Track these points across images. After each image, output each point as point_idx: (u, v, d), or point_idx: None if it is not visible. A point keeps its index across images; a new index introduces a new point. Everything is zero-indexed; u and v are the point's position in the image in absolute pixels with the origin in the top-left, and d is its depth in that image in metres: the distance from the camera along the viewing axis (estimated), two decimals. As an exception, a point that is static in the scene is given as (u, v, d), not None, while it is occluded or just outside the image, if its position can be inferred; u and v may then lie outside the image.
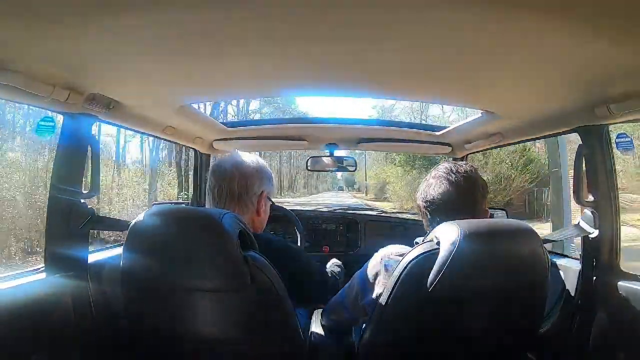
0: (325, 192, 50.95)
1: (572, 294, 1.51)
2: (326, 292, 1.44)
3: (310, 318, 1.73)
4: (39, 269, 1.29)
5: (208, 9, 0.80)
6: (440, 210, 1.19)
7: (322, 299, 1.46)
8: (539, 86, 1.23)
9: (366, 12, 0.81)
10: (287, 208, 2.60)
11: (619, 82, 1.11)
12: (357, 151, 2.88)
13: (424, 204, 1.23)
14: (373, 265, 1.24)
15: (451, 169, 1.22)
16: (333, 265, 1.74)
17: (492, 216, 1.45)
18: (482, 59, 1.04)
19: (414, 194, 1.34)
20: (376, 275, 1.21)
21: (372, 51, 1.03)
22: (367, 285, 1.23)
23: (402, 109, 25.92)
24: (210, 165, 1.31)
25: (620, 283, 1.33)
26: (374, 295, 1.17)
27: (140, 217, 1.03)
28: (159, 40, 0.95)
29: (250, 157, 1.30)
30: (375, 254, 1.27)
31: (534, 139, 1.94)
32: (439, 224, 1.10)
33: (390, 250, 1.23)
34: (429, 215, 1.23)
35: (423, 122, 21.31)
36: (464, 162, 1.65)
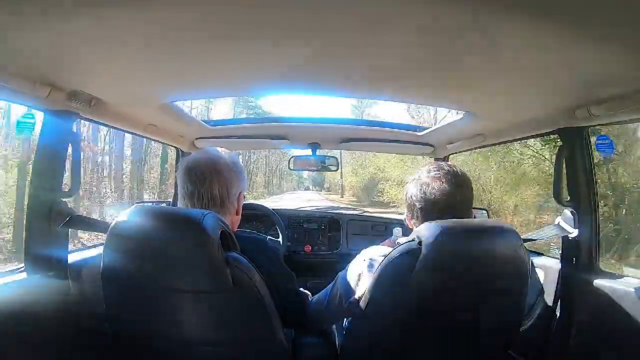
0: (290, 192, 44.94)
1: (553, 292, 1.54)
2: (301, 301, 1.41)
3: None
4: (19, 268, 1.27)
5: (190, 6, 0.80)
6: (439, 210, 1.18)
7: (300, 314, 1.40)
8: (521, 88, 1.25)
9: (349, 13, 0.81)
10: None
11: (600, 85, 1.13)
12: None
13: (422, 204, 1.20)
14: (356, 265, 1.25)
15: (448, 170, 1.21)
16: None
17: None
18: (464, 60, 1.05)
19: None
20: (359, 275, 1.21)
21: (355, 52, 1.03)
22: (351, 286, 1.23)
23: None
24: (181, 162, 1.24)
25: (599, 281, 1.36)
26: (356, 296, 1.17)
27: (121, 217, 1.01)
28: (141, 37, 0.94)
29: (225, 156, 1.24)
30: (358, 255, 1.27)
31: (516, 140, 1.96)
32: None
33: (374, 251, 1.23)
34: (423, 216, 1.20)
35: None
36: (450, 163, 1.66)
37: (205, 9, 0.81)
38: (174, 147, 2.42)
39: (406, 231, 1.27)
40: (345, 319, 1.41)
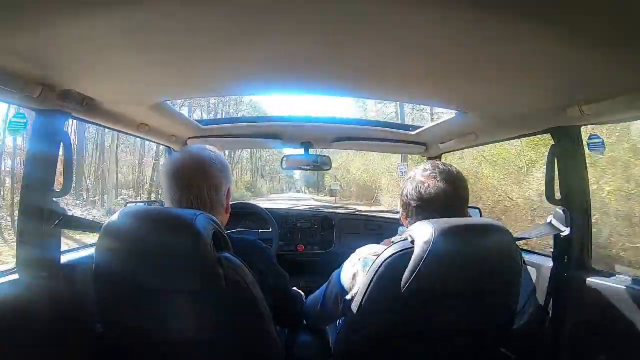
0: (269, 196, 33.25)
1: (545, 290, 1.55)
2: (294, 300, 1.43)
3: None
4: (11, 269, 1.26)
5: (182, 7, 0.79)
6: (435, 209, 1.18)
7: (292, 306, 1.42)
8: (512, 87, 1.25)
9: (343, 10, 0.81)
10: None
11: (591, 84, 1.14)
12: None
13: (418, 203, 1.21)
14: (350, 265, 1.25)
15: (443, 170, 1.22)
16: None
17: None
18: (456, 59, 1.05)
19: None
20: (354, 275, 1.21)
21: (347, 50, 1.03)
22: (345, 286, 1.23)
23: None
24: (165, 164, 1.23)
25: (590, 279, 1.37)
26: (350, 295, 1.17)
27: (113, 217, 1.01)
28: (133, 37, 0.93)
29: (209, 155, 1.21)
30: (353, 254, 1.28)
31: (508, 139, 1.97)
32: None
33: (368, 250, 1.23)
34: (419, 215, 1.21)
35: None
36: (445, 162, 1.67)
37: (197, 9, 0.81)
38: (166, 146, 2.41)
39: None
40: (338, 318, 1.41)
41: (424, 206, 1.20)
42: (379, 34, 0.92)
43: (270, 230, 2.57)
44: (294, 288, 1.49)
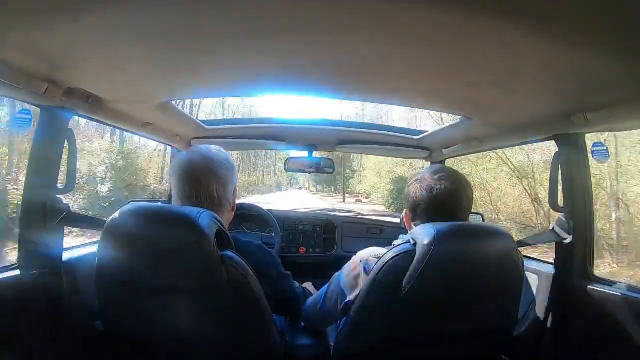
0: (258, 196, 25.86)
1: (546, 297, 1.55)
2: (299, 301, 1.45)
3: (287, 319, 1.73)
4: (13, 265, 1.26)
5: (188, 5, 0.80)
6: (444, 210, 1.19)
7: (296, 307, 1.45)
8: (517, 93, 1.25)
9: (347, 12, 0.81)
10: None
11: (596, 91, 1.13)
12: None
13: (428, 204, 1.21)
14: (352, 267, 1.25)
15: (451, 173, 1.23)
16: (307, 285, 1.71)
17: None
18: (461, 64, 1.05)
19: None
20: (355, 277, 1.21)
21: (351, 52, 1.03)
22: (346, 287, 1.23)
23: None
24: (174, 162, 1.25)
25: (592, 287, 1.36)
26: (351, 297, 1.17)
27: (116, 214, 1.01)
28: (138, 35, 0.93)
29: (217, 154, 1.24)
30: (354, 257, 1.28)
31: (511, 145, 1.97)
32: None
33: (369, 252, 1.23)
34: (427, 216, 1.21)
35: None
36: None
37: (202, 8, 0.81)
38: (170, 146, 2.41)
39: None
40: (338, 320, 1.42)
41: (434, 208, 1.20)
42: (383, 38, 0.92)
43: (273, 232, 2.57)
44: (306, 284, 1.51)
